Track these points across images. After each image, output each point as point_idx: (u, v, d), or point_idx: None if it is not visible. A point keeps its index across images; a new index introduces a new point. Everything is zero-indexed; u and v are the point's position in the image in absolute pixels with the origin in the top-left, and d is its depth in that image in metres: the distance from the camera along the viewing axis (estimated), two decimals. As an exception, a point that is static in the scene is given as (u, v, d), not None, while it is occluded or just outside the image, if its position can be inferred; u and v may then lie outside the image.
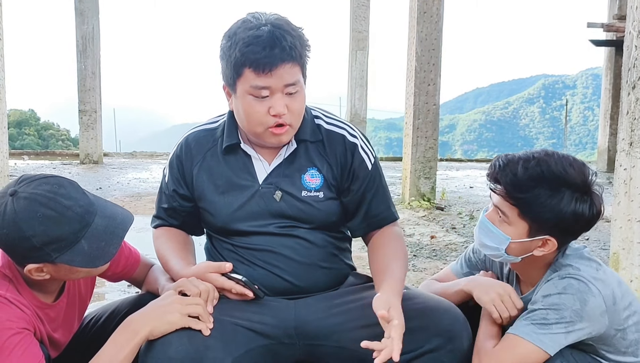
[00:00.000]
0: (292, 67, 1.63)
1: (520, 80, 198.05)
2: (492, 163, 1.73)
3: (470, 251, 2.00)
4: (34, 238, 1.40)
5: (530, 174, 1.63)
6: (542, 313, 1.63)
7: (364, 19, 12.88)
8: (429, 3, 6.86)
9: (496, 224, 1.72)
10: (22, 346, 1.39)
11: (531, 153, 1.69)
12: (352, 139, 1.82)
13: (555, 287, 1.64)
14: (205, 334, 1.53)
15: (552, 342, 1.60)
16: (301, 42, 1.66)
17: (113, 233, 1.51)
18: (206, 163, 1.82)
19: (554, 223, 1.64)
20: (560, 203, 1.62)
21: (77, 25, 11.34)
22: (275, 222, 1.77)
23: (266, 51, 1.59)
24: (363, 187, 1.82)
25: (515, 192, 1.65)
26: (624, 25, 3.64)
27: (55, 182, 1.47)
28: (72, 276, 1.55)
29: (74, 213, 1.44)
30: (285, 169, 1.78)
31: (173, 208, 1.88)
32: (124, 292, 3.52)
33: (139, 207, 6.82)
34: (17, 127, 43.80)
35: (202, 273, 1.67)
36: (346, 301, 1.76)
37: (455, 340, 1.64)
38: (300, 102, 1.69)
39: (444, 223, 6.23)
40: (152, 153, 15.04)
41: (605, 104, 12.14)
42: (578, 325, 1.60)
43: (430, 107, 7.02)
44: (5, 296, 1.44)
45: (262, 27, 1.61)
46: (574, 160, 1.68)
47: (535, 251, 1.70)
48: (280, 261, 1.76)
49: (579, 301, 1.60)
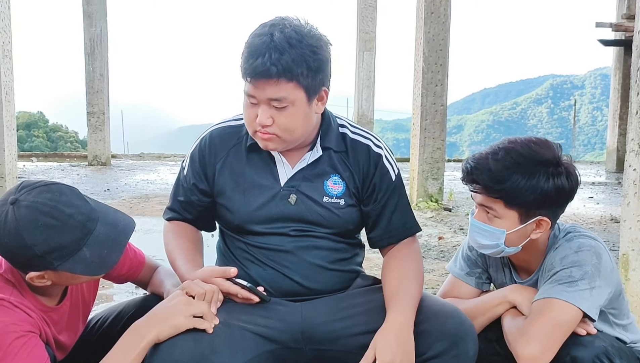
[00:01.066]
0: (277, 84, 1.58)
1: (528, 80, 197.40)
2: (463, 166, 1.78)
3: (466, 249, 1.99)
4: (35, 247, 1.39)
5: (503, 165, 1.68)
6: (565, 272, 1.65)
7: (371, 20, 12.88)
8: (437, 3, 6.85)
9: (487, 223, 1.75)
10: (27, 348, 1.39)
11: (495, 146, 1.75)
12: (377, 150, 1.82)
13: (569, 248, 1.69)
14: (209, 332, 1.53)
15: (581, 298, 1.61)
16: (305, 60, 1.59)
17: (115, 241, 1.50)
18: (230, 159, 1.81)
19: (540, 202, 1.68)
20: (539, 182, 1.66)
21: (85, 27, 11.40)
22: (292, 225, 1.76)
23: (253, 61, 1.58)
24: (386, 197, 1.81)
25: (495, 185, 1.69)
26: (632, 24, 3.62)
27: (57, 190, 1.46)
28: (74, 282, 1.55)
29: (76, 221, 1.43)
30: (307, 174, 1.78)
31: (190, 202, 1.87)
32: (131, 294, 3.53)
33: (146, 209, 6.84)
34: (26, 129, 44.05)
35: (207, 277, 1.66)
36: (353, 305, 1.75)
37: (460, 345, 1.62)
38: (288, 118, 1.64)
39: (452, 224, 6.21)
40: (160, 154, 15.09)
41: (614, 104, 12.09)
42: (598, 281, 1.63)
43: (438, 108, 7.01)
44: (9, 300, 1.44)
45: (265, 36, 1.59)
46: (537, 139, 1.74)
47: (532, 235, 1.74)
48: (291, 262, 1.76)
49: (595, 255, 1.66)
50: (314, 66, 1.61)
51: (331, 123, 1.81)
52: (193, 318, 1.53)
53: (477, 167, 1.72)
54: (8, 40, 6.78)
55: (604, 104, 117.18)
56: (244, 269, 1.77)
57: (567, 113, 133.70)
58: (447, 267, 2.05)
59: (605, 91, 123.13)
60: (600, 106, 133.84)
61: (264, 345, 1.65)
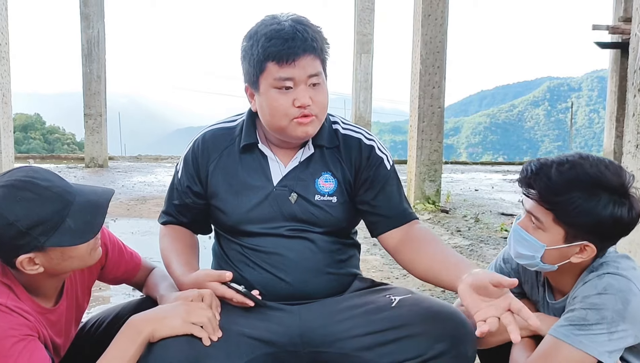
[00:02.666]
0: (314, 59, 1.66)
1: (525, 82, 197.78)
2: (524, 168, 1.66)
3: (500, 261, 1.90)
4: (18, 222, 1.40)
5: (565, 178, 1.57)
6: (581, 313, 1.55)
7: (369, 22, 12.90)
8: (434, 6, 6.86)
9: (530, 232, 1.65)
10: (27, 352, 1.39)
11: (565, 157, 1.63)
12: (369, 142, 1.82)
13: (594, 287, 1.58)
14: (206, 344, 1.51)
15: (593, 343, 1.52)
16: (321, 37, 1.69)
17: (96, 204, 1.52)
18: (222, 161, 1.81)
19: (591, 228, 1.57)
20: (597, 207, 1.55)
21: (82, 29, 11.39)
22: (286, 225, 1.76)
23: (289, 43, 1.62)
24: (382, 183, 1.81)
25: (550, 196, 1.58)
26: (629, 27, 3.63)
27: (29, 169, 1.50)
28: (65, 266, 1.53)
29: (53, 192, 1.45)
30: (300, 173, 1.78)
31: (185, 205, 1.87)
32: (128, 295, 3.52)
33: (143, 211, 6.83)
34: (23, 131, 44.01)
35: (202, 281, 1.65)
36: (350, 307, 1.74)
37: (460, 346, 1.61)
38: (323, 94, 1.70)
39: (449, 226, 6.22)
40: (157, 156, 15.08)
41: (610, 107, 12.11)
42: (621, 326, 1.52)
43: (435, 110, 7.02)
44: (6, 305, 1.43)
45: (283, 22, 1.65)
46: (609, 162, 1.61)
47: (572, 258, 1.63)
48: (287, 265, 1.75)
49: (621, 301, 1.53)
50: (328, 45, 1.73)
51: (324, 121, 1.81)
52: (191, 325, 1.52)
53: (538, 172, 1.61)
54: (5, 41, 6.77)
55: (601, 107, 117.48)
56: (239, 272, 1.76)
57: (564, 115, 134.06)
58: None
59: (602, 93, 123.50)
60: (597, 108, 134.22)
61: (261, 348, 1.64)
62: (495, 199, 8.30)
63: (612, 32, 11.45)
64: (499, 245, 5.36)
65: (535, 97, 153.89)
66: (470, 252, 5.06)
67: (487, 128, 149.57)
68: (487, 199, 8.29)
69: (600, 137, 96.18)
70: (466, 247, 5.23)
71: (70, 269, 1.57)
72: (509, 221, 6.45)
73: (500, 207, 7.54)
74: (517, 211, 7.13)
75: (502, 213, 7.08)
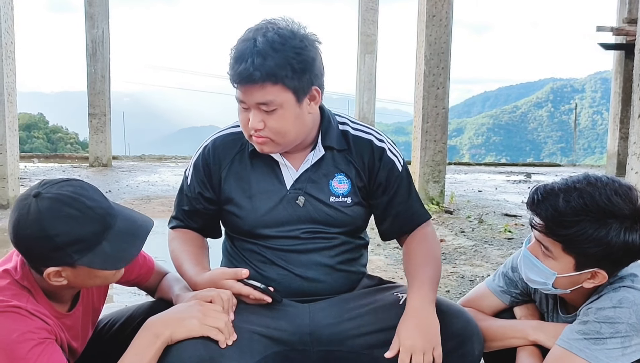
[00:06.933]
0: (262, 88, 1.60)
1: (528, 84, 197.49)
2: (530, 194, 1.61)
3: (509, 269, 1.87)
4: (57, 237, 1.40)
5: (572, 208, 1.51)
6: (595, 326, 1.52)
7: (373, 23, 12.90)
8: (438, 7, 6.87)
9: (540, 259, 1.61)
10: (46, 355, 1.39)
11: (572, 183, 1.56)
12: (380, 144, 1.82)
13: (610, 300, 1.54)
14: (222, 347, 1.51)
15: (607, 358, 1.50)
16: (289, 62, 1.59)
17: (134, 235, 1.51)
18: (234, 166, 1.82)
19: (602, 256, 1.53)
20: (608, 236, 1.50)
21: (87, 29, 11.41)
22: (302, 227, 1.77)
23: (237, 67, 1.60)
24: (394, 189, 1.82)
25: (558, 228, 1.54)
26: (634, 28, 3.62)
27: (79, 184, 1.49)
28: (89, 283, 1.54)
29: (97, 214, 1.45)
30: (312, 175, 1.79)
31: (195, 211, 1.87)
32: (133, 294, 3.53)
33: (148, 210, 6.84)
34: (27, 131, 44.09)
35: (218, 279, 1.66)
36: (360, 305, 1.76)
37: (466, 344, 1.63)
38: (278, 120, 1.65)
39: (453, 226, 6.22)
40: (161, 156, 15.10)
41: (614, 108, 12.08)
42: (635, 340, 1.50)
43: (439, 111, 7.02)
44: (25, 308, 1.43)
45: (248, 42, 1.61)
46: (619, 186, 1.54)
47: (584, 284, 1.60)
48: (301, 262, 1.76)
49: (635, 314, 1.50)
50: (299, 67, 1.61)
51: (331, 122, 1.82)
52: (208, 327, 1.52)
53: (544, 202, 1.56)
54: (11, 41, 6.79)
55: (604, 108, 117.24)
56: (254, 269, 1.77)
57: (568, 117, 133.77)
58: (485, 282, 1.94)
59: (605, 94, 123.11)
60: (600, 109, 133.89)
61: (272, 347, 1.65)
62: (499, 200, 8.29)
63: (616, 33, 11.43)
64: (502, 246, 5.36)
65: (538, 98, 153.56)
66: (474, 253, 5.06)
67: (490, 129, 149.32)
68: (491, 200, 8.28)
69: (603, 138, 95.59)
70: (470, 248, 5.23)
71: (91, 286, 1.59)
72: (513, 222, 6.45)
73: (503, 208, 7.53)
74: (520, 212, 7.13)
75: (506, 214, 7.08)
